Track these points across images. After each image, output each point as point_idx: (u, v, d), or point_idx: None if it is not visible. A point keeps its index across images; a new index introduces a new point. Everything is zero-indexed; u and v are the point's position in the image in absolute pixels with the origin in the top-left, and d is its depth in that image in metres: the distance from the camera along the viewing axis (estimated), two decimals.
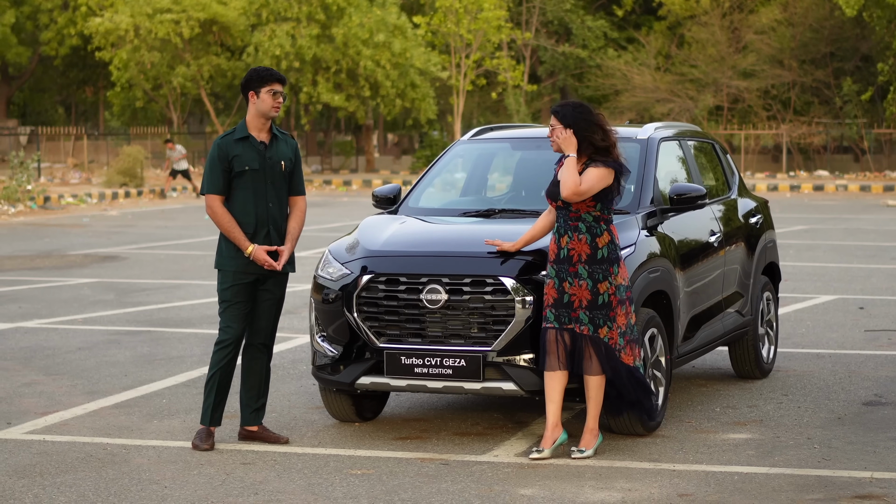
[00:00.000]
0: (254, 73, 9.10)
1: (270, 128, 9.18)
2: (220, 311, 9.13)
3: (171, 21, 52.43)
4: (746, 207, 11.68)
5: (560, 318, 8.61)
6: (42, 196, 37.21)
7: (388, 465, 8.54)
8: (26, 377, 11.66)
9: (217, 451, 8.95)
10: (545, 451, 8.63)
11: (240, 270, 9.04)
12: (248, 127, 9.12)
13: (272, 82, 9.05)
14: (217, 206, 9.05)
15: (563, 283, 8.63)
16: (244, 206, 9.05)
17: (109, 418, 10.02)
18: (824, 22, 53.17)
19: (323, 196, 44.18)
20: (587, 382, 8.66)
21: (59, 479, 8.27)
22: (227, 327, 9.08)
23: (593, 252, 8.61)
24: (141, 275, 19.77)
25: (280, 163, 9.13)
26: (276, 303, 9.20)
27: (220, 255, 9.13)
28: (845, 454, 8.73)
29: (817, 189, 45.65)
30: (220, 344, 9.08)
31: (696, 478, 8.20)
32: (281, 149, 9.17)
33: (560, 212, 8.74)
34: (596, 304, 8.59)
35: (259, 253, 8.99)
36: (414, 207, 10.37)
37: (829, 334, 13.70)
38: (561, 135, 8.70)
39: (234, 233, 9.00)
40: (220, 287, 9.14)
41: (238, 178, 9.05)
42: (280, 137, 9.21)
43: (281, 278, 9.20)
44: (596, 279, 8.60)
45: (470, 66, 53.98)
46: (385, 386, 9.09)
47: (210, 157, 9.10)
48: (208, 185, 9.09)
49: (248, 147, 9.06)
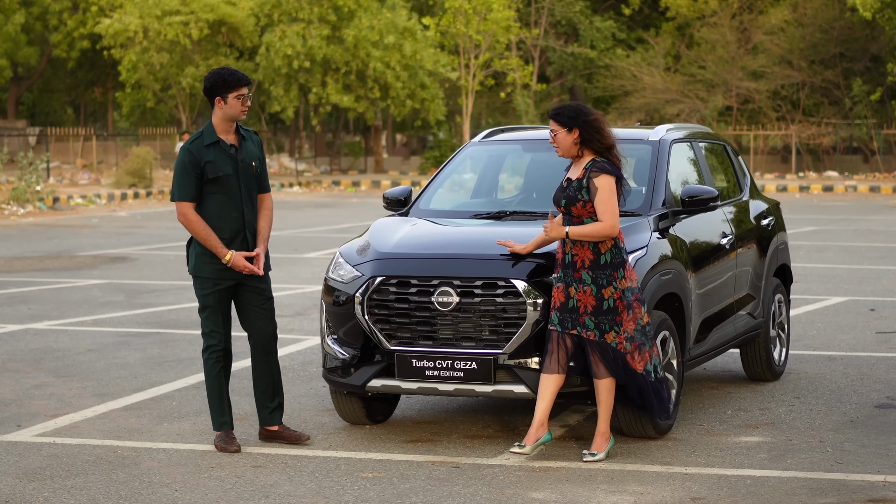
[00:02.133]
0: (219, 78, 8.91)
1: (237, 128, 9.09)
2: (203, 317, 9.05)
3: (180, 22, 52.45)
4: (758, 209, 11.65)
5: (564, 322, 8.58)
6: (51, 197, 37.22)
7: (399, 469, 8.51)
8: (36, 379, 11.64)
9: (227, 454, 8.92)
10: (527, 448, 8.59)
11: (218, 277, 8.96)
12: (217, 130, 8.99)
13: (239, 87, 8.90)
14: (190, 214, 8.93)
15: (570, 287, 8.60)
16: (219, 212, 8.94)
17: (119, 420, 10.00)
18: (834, 22, 53.09)
19: (332, 197, 44.17)
20: (597, 386, 8.63)
21: (69, 482, 8.25)
22: (212, 332, 9.02)
23: (596, 257, 8.58)
24: (150, 276, 19.76)
25: (251, 164, 9.04)
26: (266, 300, 9.12)
27: (196, 261, 9.00)
28: (858, 457, 8.70)
29: (826, 190, 45.58)
30: (209, 350, 9.03)
31: (709, 481, 8.16)
32: (249, 149, 9.07)
33: (564, 218, 8.73)
34: (601, 309, 8.56)
35: (238, 259, 8.90)
36: (425, 209, 10.34)
37: (840, 336, 13.65)
38: (562, 139, 8.71)
39: (210, 241, 8.88)
40: (201, 293, 9.03)
41: (212, 183, 8.92)
42: (246, 137, 9.10)
43: (262, 278, 9.12)
44: (600, 285, 8.57)
45: (479, 66, 53.95)
46: (396, 388, 9.07)
47: (180, 162, 8.92)
48: (180, 193, 8.93)
49: (220, 152, 8.94)
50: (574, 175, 8.74)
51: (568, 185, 8.72)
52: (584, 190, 8.63)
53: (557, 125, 8.74)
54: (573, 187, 8.67)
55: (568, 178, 8.77)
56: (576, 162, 8.81)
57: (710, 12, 55.01)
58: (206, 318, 9.05)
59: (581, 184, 8.65)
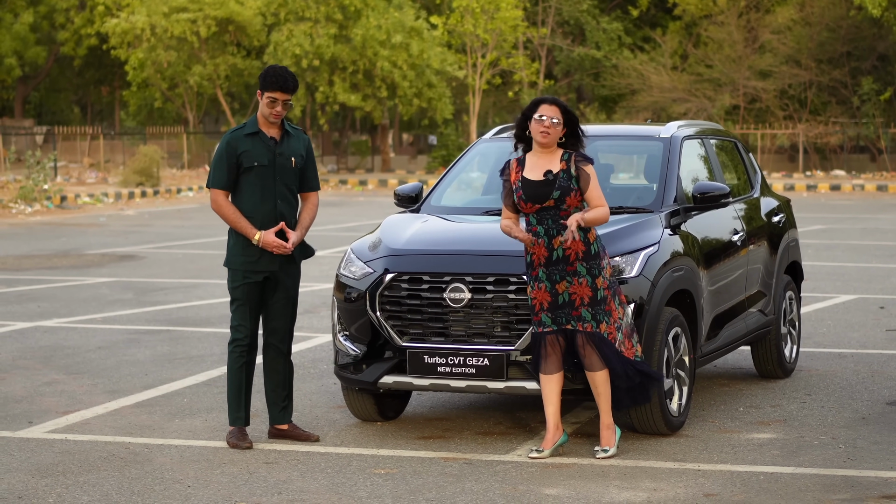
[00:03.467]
0: (265, 74, 8.95)
1: (282, 123, 9.10)
2: (232, 310, 9.09)
3: (188, 20, 52.43)
4: (769, 206, 11.63)
5: (558, 319, 8.54)
6: (59, 196, 37.23)
7: (412, 465, 8.51)
8: (47, 376, 11.65)
9: (240, 450, 8.92)
10: (545, 452, 8.60)
11: (249, 269, 8.98)
12: (259, 122, 9.04)
13: (272, 90, 8.89)
14: (221, 200, 8.98)
15: (557, 284, 8.54)
16: (251, 202, 8.97)
17: (131, 417, 10.01)
18: (841, 21, 53.02)
19: (339, 196, 44.16)
20: (593, 379, 8.59)
21: (81, 478, 8.25)
22: (239, 326, 9.04)
23: (588, 248, 8.56)
24: (159, 274, 19.77)
25: (291, 159, 9.04)
26: (289, 301, 9.15)
27: (229, 253, 9.07)
28: (871, 454, 8.68)
29: (834, 189, 45.51)
30: (234, 343, 9.05)
31: (722, 478, 8.15)
32: (292, 145, 9.09)
33: (545, 213, 8.58)
34: (596, 299, 8.53)
35: (268, 237, 8.90)
36: (436, 206, 10.33)
37: (850, 334, 13.64)
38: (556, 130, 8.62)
39: (239, 223, 8.92)
40: (231, 285, 9.09)
41: (246, 173, 8.96)
42: (293, 133, 9.11)
43: (293, 276, 9.14)
44: (594, 275, 8.55)
45: (486, 65, 53.93)
46: (408, 385, 9.06)
47: (218, 151, 9.02)
48: (214, 180, 9.01)
49: (258, 143, 8.98)
50: (554, 168, 8.62)
51: (554, 178, 8.58)
52: (573, 180, 8.59)
53: (560, 115, 8.68)
54: (563, 178, 8.58)
55: (549, 171, 8.61)
56: (542, 155, 8.69)
57: (718, 11, 54.94)
58: (234, 311, 9.08)
59: (570, 174, 8.60)
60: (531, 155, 8.75)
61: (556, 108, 8.67)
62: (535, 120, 8.65)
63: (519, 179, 8.67)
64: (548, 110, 8.66)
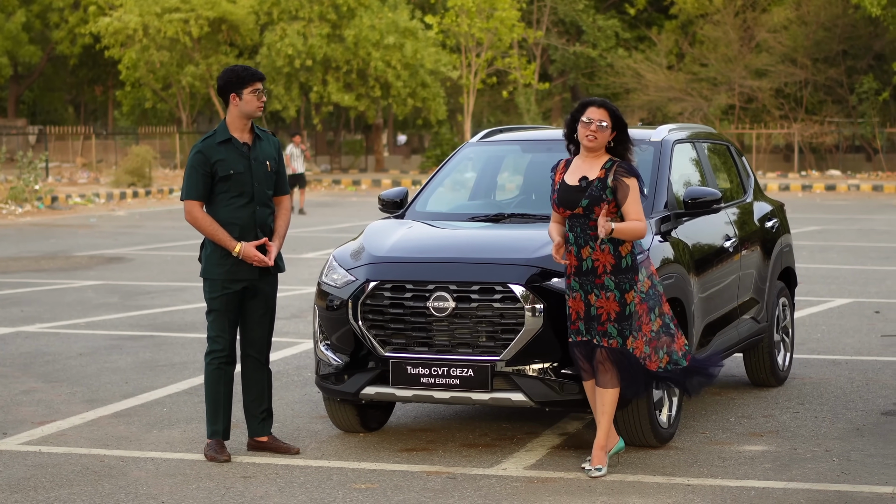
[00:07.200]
0: (233, 75, 8.72)
1: (252, 128, 8.87)
2: (210, 321, 8.84)
3: (180, 20, 52.19)
4: (762, 211, 11.41)
5: (590, 330, 8.30)
6: (49, 196, 36.99)
7: (394, 479, 8.27)
8: (25, 384, 11.41)
9: (217, 463, 8.69)
10: (604, 470, 8.33)
11: (227, 278, 8.75)
12: (230, 129, 8.79)
13: (254, 82, 8.69)
14: (197, 212, 8.73)
15: (589, 295, 8.32)
16: (229, 211, 8.73)
17: (108, 428, 9.77)
18: (837, 20, 52.82)
19: (332, 196, 43.93)
20: (602, 396, 8.33)
21: (53, 493, 8.02)
22: (217, 337, 8.80)
23: (617, 262, 8.27)
24: (146, 277, 19.52)
25: (265, 163, 8.82)
26: (268, 311, 8.92)
27: (206, 263, 8.81)
28: (865, 467, 8.46)
29: (829, 189, 45.33)
30: (212, 354, 8.81)
31: (712, 493, 7.93)
32: (265, 149, 8.86)
33: (575, 220, 8.36)
34: (624, 315, 8.25)
35: (248, 249, 8.67)
36: (421, 212, 10.09)
37: (844, 340, 13.41)
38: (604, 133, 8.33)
39: (218, 235, 8.68)
40: (209, 296, 8.83)
41: (222, 182, 8.72)
42: (262, 137, 8.89)
43: (272, 284, 8.92)
44: (623, 289, 8.26)
45: (481, 65, 53.70)
46: (390, 396, 8.83)
47: (190, 161, 8.75)
48: (188, 191, 8.75)
49: (231, 150, 8.73)
50: (591, 175, 8.38)
51: (587, 184, 8.31)
52: (608, 190, 8.29)
53: (609, 118, 8.37)
54: (595, 187, 8.28)
55: (584, 178, 8.36)
56: (588, 159, 8.46)
57: (714, 10, 54.74)
58: (212, 321, 8.82)
59: (605, 184, 8.30)
60: (578, 157, 8.48)
61: (604, 110, 8.34)
62: (582, 123, 8.36)
63: (559, 182, 8.44)
64: (595, 113, 8.34)
